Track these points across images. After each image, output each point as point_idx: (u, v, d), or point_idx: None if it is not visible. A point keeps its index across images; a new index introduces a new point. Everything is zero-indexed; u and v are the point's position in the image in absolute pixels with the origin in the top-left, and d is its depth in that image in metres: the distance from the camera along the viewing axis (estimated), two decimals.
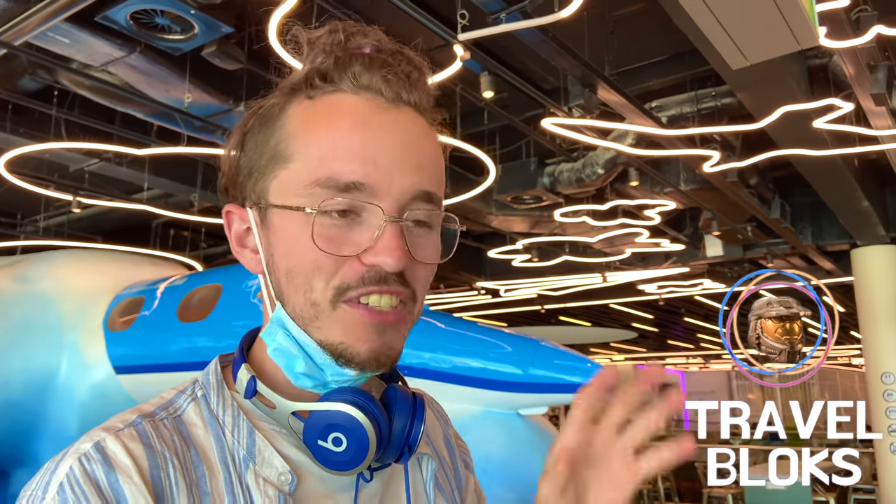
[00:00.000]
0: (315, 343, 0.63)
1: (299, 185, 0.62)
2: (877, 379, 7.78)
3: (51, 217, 8.08)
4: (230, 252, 0.68)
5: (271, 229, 0.65)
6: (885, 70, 4.00)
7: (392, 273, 0.61)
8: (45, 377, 4.98)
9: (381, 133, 0.63)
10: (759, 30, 1.90)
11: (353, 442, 0.62)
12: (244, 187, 0.67)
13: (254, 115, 0.68)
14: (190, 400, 0.66)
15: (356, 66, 0.64)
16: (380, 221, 0.61)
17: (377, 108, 0.64)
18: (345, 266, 0.62)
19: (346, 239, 0.62)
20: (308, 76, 0.65)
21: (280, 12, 3.13)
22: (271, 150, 0.65)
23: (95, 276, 5.50)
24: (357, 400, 0.63)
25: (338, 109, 0.64)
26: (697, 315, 16.09)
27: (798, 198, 7.97)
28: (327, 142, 0.62)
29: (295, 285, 0.63)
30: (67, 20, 3.46)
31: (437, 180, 0.66)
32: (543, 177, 6.35)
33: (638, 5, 4.51)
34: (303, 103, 0.65)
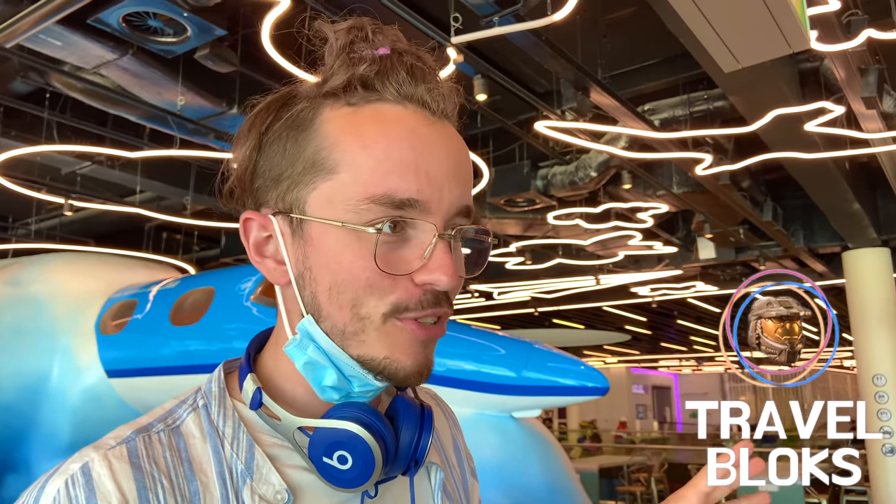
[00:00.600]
0: (351, 358, 0.62)
1: (349, 200, 0.60)
2: (868, 381, 7.82)
3: (43, 220, 8.05)
4: (223, 255, 0.66)
5: (309, 242, 0.62)
6: (876, 73, 4.03)
7: (444, 291, 0.61)
8: (37, 381, 4.95)
9: (431, 145, 0.62)
10: (751, 33, 1.91)
11: (358, 460, 0.61)
12: (264, 193, 0.64)
13: (273, 116, 0.65)
14: (190, 410, 0.64)
15: (401, 74, 0.62)
16: (430, 238, 0.60)
17: (424, 119, 0.63)
18: (399, 287, 0.60)
19: (399, 257, 0.60)
20: (349, 82, 0.62)
21: (273, 15, 3.13)
22: (308, 158, 0.62)
23: (87, 280, 5.48)
24: (362, 417, 0.62)
25: (385, 119, 0.62)
26: (690, 317, 16.14)
27: (790, 200, 8.01)
28: (379, 153, 0.60)
29: (340, 301, 0.61)
30: (59, 22, 3.45)
31: (471, 192, 0.66)
32: (536, 179, 6.36)
33: (630, 9, 4.53)
34: (341, 110, 0.62)
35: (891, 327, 7.85)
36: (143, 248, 8.15)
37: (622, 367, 27.74)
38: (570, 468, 3.90)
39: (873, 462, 7.75)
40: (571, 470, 3.89)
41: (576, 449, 15.19)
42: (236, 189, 0.67)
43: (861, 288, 8.10)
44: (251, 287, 4.38)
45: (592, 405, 24.43)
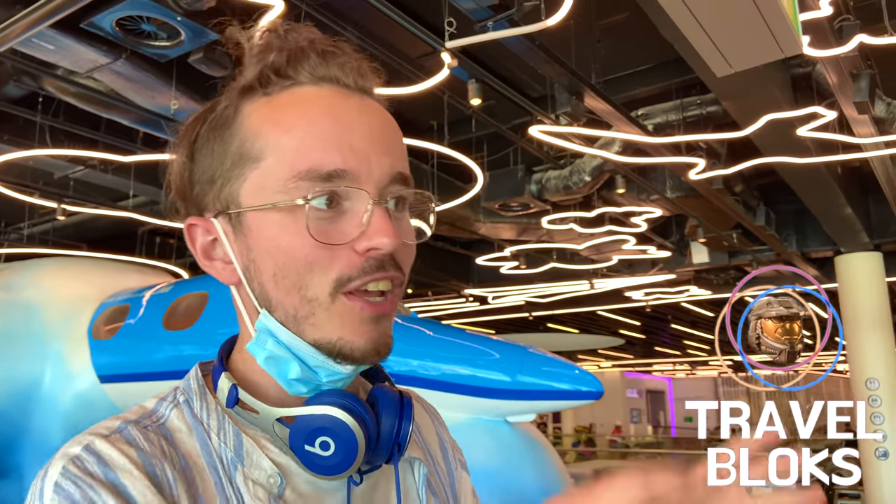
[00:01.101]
0: (309, 345, 0.62)
1: (277, 182, 0.61)
2: (861, 385, 7.85)
3: (35, 225, 8.01)
4: None
5: (249, 234, 0.63)
6: (868, 78, 4.05)
7: (388, 255, 0.61)
8: (29, 386, 4.92)
9: (352, 118, 0.62)
10: (744, 38, 1.92)
11: (341, 445, 0.61)
12: (203, 198, 0.65)
13: (201, 123, 0.66)
14: (172, 406, 0.64)
15: (312, 57, 0.63)
16: (366, 206, 0.61)
17: (341, 95, 0.64)
18: (340, 258, 0.61)
19: (337, 229, 0.61)
20: (262, 73, 0.64)
21: (267, 19, 3.12)
22: (235, 152, 0.63)
23: (80, 285, 5.46)
24: (343, 402, 0.62)
25: (302, 100, 0.63)
26: (684, 322, 16.17)
27: (783, 205, 8.04)
28: (300, 132, 0.61)
29: (286, 285, 0.61)
30: (52, 26, 3.44)
31: (406, 161, 0.67)
32: (531, 184, 6.37)
33: (624, 14, 4.54)
34: (259, 101, 0.64)
35: (883, 331, 7.89)
36: (136, 252, 8.12)
37: (616, 371, 27.77)
38: (565, 473, 3.90)
39: (867, 466, 7.77)
40: (566, 474, 3.89)
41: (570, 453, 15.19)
42: (178, 202, 0.67)
43: (854, 292, 8.13)
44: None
45: (587, 409, 24.44)
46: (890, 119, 4.61)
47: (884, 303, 8.02)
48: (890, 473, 7.55)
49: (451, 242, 9.10)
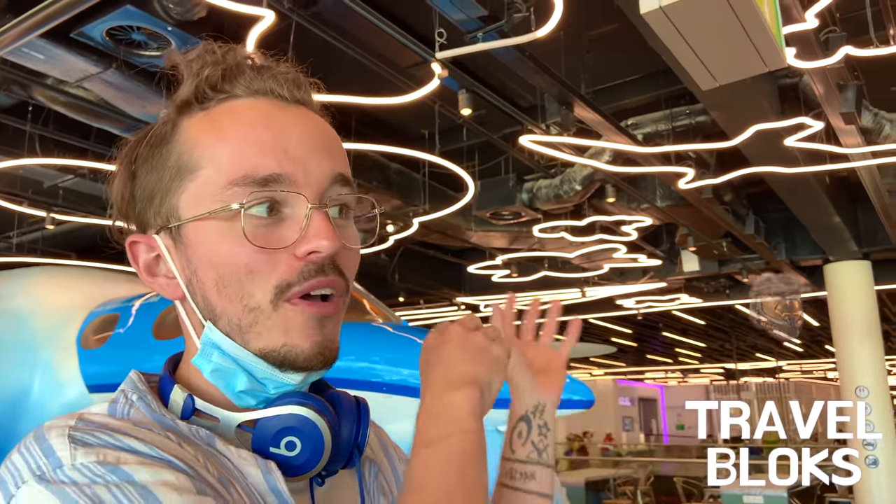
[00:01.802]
0: (254, 355, 0.61)
1: (214, 191, 0.60)
2: (851, 393, 7.88)
3: (24, 233, 7.96)
4: None
5: (189, 245, 0.62)
6: (854, 89, 4.09)
7: (328, 258, 0.61)
8: (17, 396, 4.89)
9: (287, 124, 0.63)
10: (728, 52, 1.95)
11: (307, 444, 0.61)
12: (144, 215, 0.65)
13: (141, 143, 0.66)
14: (128, 406, 0.62)
15: (247, 72, 0.64)
16: (304, 210, 0.61)
17: (277, 105, 0.64)
18: (280, 264, 0.60)
19: (274, 234, 0.60)
20: (198, 88, 0.64)
21: (258, 30, 3.14)
22: (173, 166, 0.63)
23: (69, 293, 5.43)
24: (307, 401, 0.62)
25: (238, 110, 0.63)
26: (675, 329, 16.21)
27: (771, 214, 8.10)
28: (235, 140, 0.61)
29: (228, 295, 0.61)
30: (42, 36, 3.43)
31: (347, 165, 0.66)
32: (522, 193, 6.39)
33: (613, 25, 4.58)
34: (196, 115, 0.64)
35: (872, 339, 7.93)
36: (125, 261, 8.07)
37: (609, 379, 27.78)
38: (556, 482, 3.90)
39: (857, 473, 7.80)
40: (557, 483, 3.89)
41: (562, 462, 15.17)
42: (122, 219, 0.67)
43: (843, 300, 8.18)
44: None
45: (579, 418, 24.42)
46: (877, 129, 4.66)
47: (873, 311, 8.07)
48: (880, 481, 7.57)
49: (442, 251, 9.11)
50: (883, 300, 11.34)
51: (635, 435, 27.08)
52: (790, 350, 20.08)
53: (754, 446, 18.05)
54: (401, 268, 8.96)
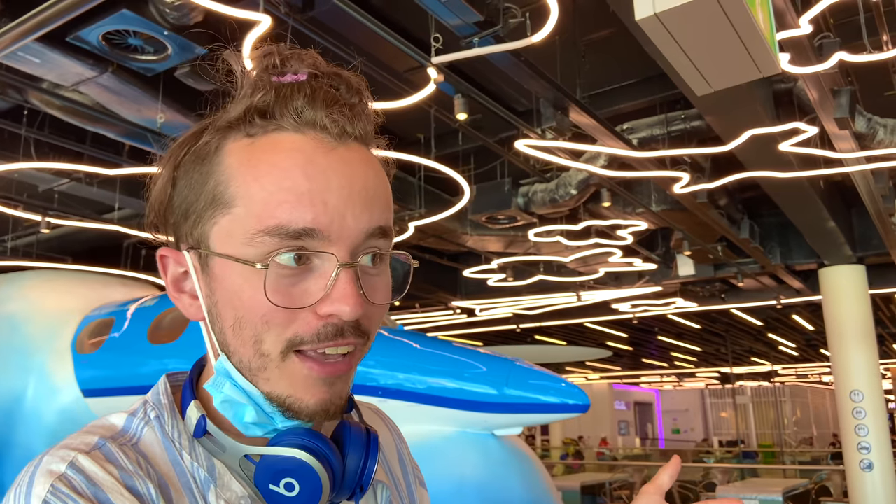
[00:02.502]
0: (262, 396, 0.61)
1: (245, 234, 0.59)
2: (846, 396, 7.91)
3: (19, 237, 7.95)
4: None
5: (214, 278, 0.61)
6: (848, 95, 4.12)
7: (348, 322, 0.59)
8: (11, 401, 4.87)
9: (329, 172, 0.59)
10: (722, 58, 1.96)
11: (306, 487, 0.60)
12: (179, 228, 0.64)
13: (186, 149, 0.64)
14: (143, 424, 0.63)
15: (298, 100, 0.61)
16: (333, 268, 0.59)
17: (323, 146, 0.60)
18: (299, 319, 0.59)
19: (299, 290, 0.59)
20: (247, 112, 0.62)
21: (254, 34, 3.14)
22: (209, 192, 0.61)
23: (64, 298, 5.41)
24: (308, 444, 0.62)
25: (280, 148, 0.60)
26: (671, 333, 16.23)
27: (766, 218, 8.13)
28: (271, 183, 0.59)
29: (243, 338, 0.60)
30: (38, 40, 3.44)
31: (388, 212, 0.64)
32: (517, 197, 6.41)
33: (608, 30, 4.60)
34: (241, 142, 0.62)
35: (867, 343, 7.96)
36: (121, 265, 8.07)
37: (604, 383, 27.79)
38: (552, 486, 3.89)
39: (852, 477, 7.82)
40: (553, 488, 3.89)
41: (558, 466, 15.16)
42: (159, 223, 0.67)
43: (837, 304, 8.21)
44: None
45: (575, 422, 24.43)
46: (870, 134, 4.68)
47: (867, 315, 8.10)
48: (875, 485, 7.59)
49: (438, 255, 9.12)
50: (877, 304, 11.39)
51: (631, 439, 27.09)
52: (785, 354, 20.11)
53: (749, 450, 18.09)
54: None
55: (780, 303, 10.38)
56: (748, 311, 12.37)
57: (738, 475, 11.70)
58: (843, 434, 8.01)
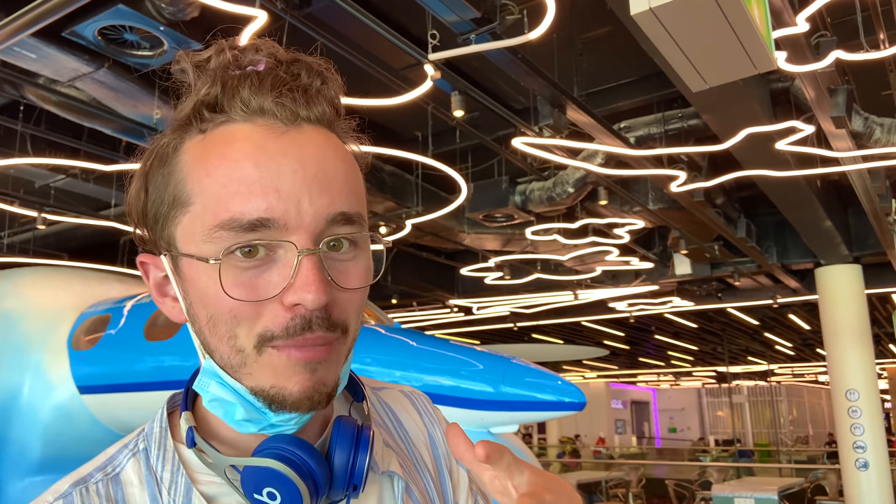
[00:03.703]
0: (249, 392, 0.60)
1: (203, 231, 0.58)
2: (841, 396, 7.92)
3: (15, 234, 7.93)
4: None
5: (184, 279, 0.61)
6: (845, 94, 4.12)
7: (315, 310, 0.58)
8: (7, 398, 4.86)
9: (279, 157, 0.58)
10: (717, 54, 1.96)
11: (286, 496, 0.60)
12: (154, 233, 0.63)
13: (152, 155, 0.64)
14: (130, 455, 0.64)
15: (244, 90, 0.59)
16: (293, 256, 0.57)
17: (273, 132, 0.59)
18: (266, 311, 0.58)
19: (262, 281, 0.58)
20: (195, 108, 0.61)
21: (250, 30, 3.13)
22: (171, 193, 0.61)
23: (60, 294, 5.40)
24: (284, 453, 0.61)
25: (229, 140, 0.59)
26: (667, 332, 16.26)
27: (763, 217, 8.14)
28: (221, 177, 0.58)
29: (219, 334, 0.60)
30: (34, 35, 3.42)
31: (354, 198, 0.62)
32: (515, 195, 6.41)
33: (606, 28, 4.60)
34: (195, 139, 0.61)
35: (863, 343, 7.98)
36: (118, 262, 8.05)
37: (601, 382, 27.82)
38: None
39: (847, 476, 7.83)
40: None
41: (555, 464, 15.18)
42: (140, 230, 0.66)
43: (833, 304, 8.22)
44: None
45: (572, 420, 24.45)
46: (867, 133, 4.69)
47: (863, 314, 8.12)
48: (870, 484, 7.61)
49: (435, 253, 9.12)
50: (873, 304, 11.41)
51: (627, 437, 27.13)
52: (782, 353, 20.15)
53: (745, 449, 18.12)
54: (393, 270, 8.97)
55: (777, 302, 10.40)
56: (745, 310, 12.39)
57: (734, 474, 11.72)
58: (839, 433, 8.03)
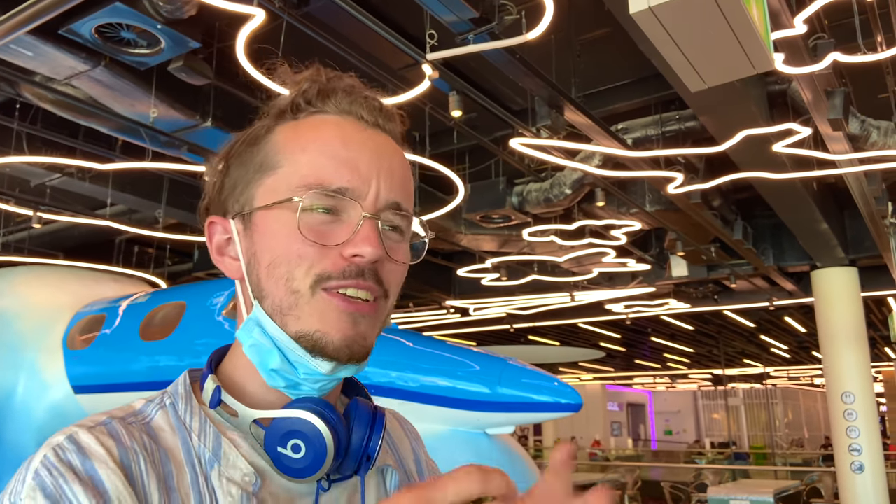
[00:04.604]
0: (290, 338, 0.67)
1: (288, 188, 0.68)
2: (837, 398, 7.93)
3: (11, 233, 7.90)
4: (195, 270, 0.71)
5: (255, 230, 0.70)
6: (842, 96, 4.12)
7: (369, 264, 0.67)
8: (2, 397, 4.84)
9: (363, 146, 0.71)
10: (716, 53, 1.96)
11: (311, 449, 0.65)
12: (227, 202, 0.73)
13: (237, 141, 0.75)
14: (158, 408, 0.69)
15: (339, 93, 0.73)
16: (359, 218, 0.68)
17: (357, 127, 0.72)
18: (326, 257, 0.67)
19: (329, 233, 0.67)
20: (294, 101, 0.73)
21: (248, 28, 3.13)
22: (258, 162, 0.71)
23: (56, 294, 5.39)
24: (318, 409, 0.67)
25: (324, 125, 0.72)
26: (664, 335, 16.27)
27: (760, 220, 8.15)
28: (315, 150, 0.69)
29: (276, 276, 0.68)
30: (31, 33, 3.41)
31: (408, 198, 0.74)
32: (512, 196, 6.41)
33: (604, 30, 4.60)
34: (288, 124, 0.73)
35: (859, 346, 7.99)
36: (113, 261, 8.04)
37: (597, 384, 27.83)
38: None
39: (843, 479, 7.84)
40: None
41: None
42: (210, 205, 0.76)
43: (829, 306, 8.24)
44: (223, 302, 4.33)
45: (567, 422, 24.44)
46: (864, 136, 4.70)
47: (859, 317, 8.13)
48: (866, 486, 7.62)
49: (432, 254, 9.11)
50: (869, 307, 11.43)
51: (623, 440, 27.13)
52: (777, 356, 20.18)
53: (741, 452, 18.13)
54: None
55: (773, 304, 10.41)
56: (741, 312, 12.41)
57: (730, 476, 11.73)
58: (835, 436, 8.04)
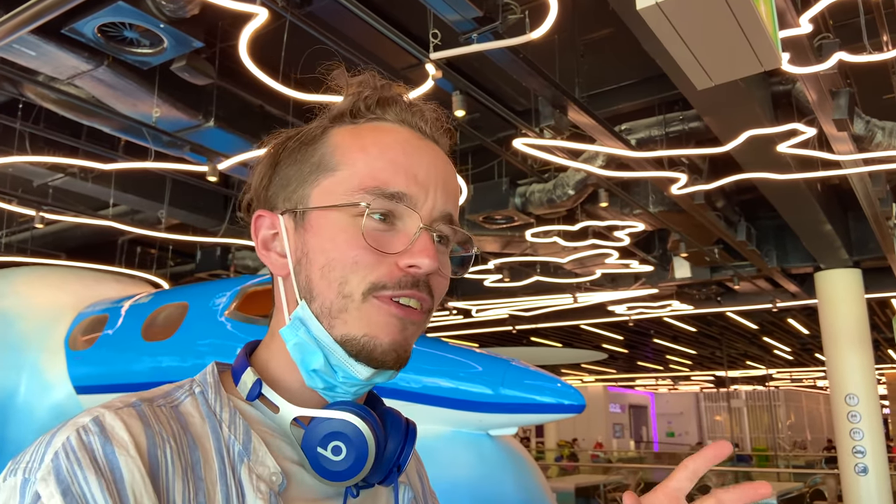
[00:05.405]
0: (335, 342, 0.67)
1: (346, 191, 0.69)
2: (841, 401, 7.90)
3: (13, 233, 7.91)
4: (198, 270, 0.70)
5: (308, 230, 0.70)
6: (847, 96, 4.10)
7: (425, 276, 0.68)
8: (4, 398, 4.83)
9: (421, 154, 0.72)
10: (723, 50, 1.94)
11: (352, 452, 0.65)
12: (275, 198, 0.74)
13: (291, 138, 0.75)
14: (187, 394, 0.68)
15: (399, 103, 0.74)
16: (416, 228, 0.68)
17: (416, 136, 0.73)
18: (382, 265, 0.67)
19: (386, 240, 0.68)
20: (354, 105, 0.74)
21: (251, 27, 3.12)
22: (315, 161, 0.72)
23: (58, 294, 5.38)
24: (362, 412, 0.67)
25: (383, 131, 0.73)
26: (666, 336, 16.24)
27: (763, 221, 8.12)
28: (375, 153, 0.70)
29: (329, 279, 0.67)
30: (33, 32, 3.41)
31: (457, 209, 0.75)
32: (515, 197, 6.39)
33: (608, 30, 4.58)
34: (346, 127, 0.74)
35: (862, 347, 7.96)
36: (116, 262, 8.03)
37: (600, 385, 27.80)
38: (546, 487, 3.87)
39: (846, 482, 7.81)
40: (547, 489, 3.86)
41: (553, 468, 15.16)
42: (253, 202, 0.76)
43: (833, 308, 8.21)
44: (226, 302, 4.32)
45: (570, 424, 24.42)
46: (869, 137, 4.68)
47: (863, 319, 8.10)
48: (869, 489, 7.59)
49: None
50: (873, 308, 11.40)
51: (625, 442, 27.09)
52: (780, 358, 20.13)
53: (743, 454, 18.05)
54: None
55: (776, 306, 10.38)
56: (744, 314, 12.37)
57: (733, 478, 11.70)
58: (838, 438, 8.01)
